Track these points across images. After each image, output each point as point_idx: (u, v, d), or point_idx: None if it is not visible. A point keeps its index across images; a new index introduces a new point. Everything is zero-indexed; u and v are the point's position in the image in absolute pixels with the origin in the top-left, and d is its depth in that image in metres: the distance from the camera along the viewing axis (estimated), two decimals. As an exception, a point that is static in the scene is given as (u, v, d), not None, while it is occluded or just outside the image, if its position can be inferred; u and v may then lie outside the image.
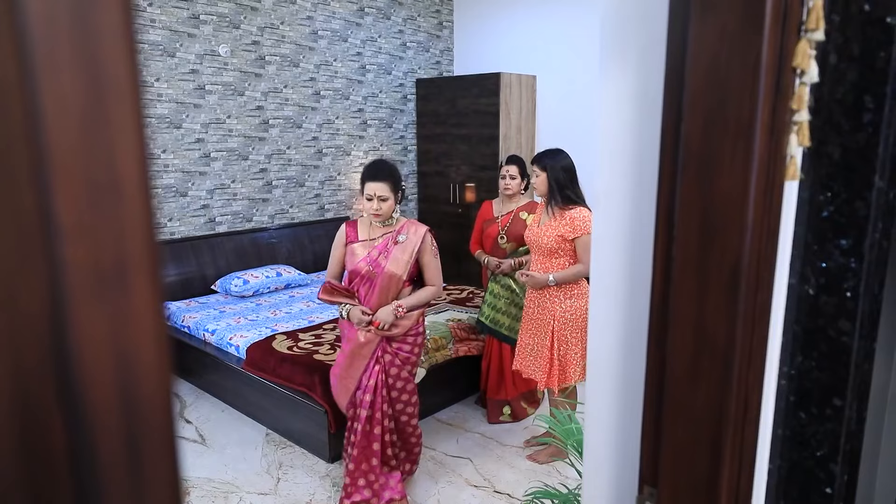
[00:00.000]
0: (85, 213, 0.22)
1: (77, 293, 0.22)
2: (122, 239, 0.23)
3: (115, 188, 0.23)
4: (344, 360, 2.71)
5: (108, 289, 0.23)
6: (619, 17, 0.95)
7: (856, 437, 0.99)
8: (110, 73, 0.22)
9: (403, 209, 6.21)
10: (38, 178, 0.21)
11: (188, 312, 4.16)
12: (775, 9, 0.80)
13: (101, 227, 0.22)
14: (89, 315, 0.22)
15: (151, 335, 0.24)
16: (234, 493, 2.98)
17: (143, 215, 0.24)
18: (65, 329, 0.22)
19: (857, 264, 0.92)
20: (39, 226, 0.21)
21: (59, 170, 0.21)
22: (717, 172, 0.84)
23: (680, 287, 0.88)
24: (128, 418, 0.23)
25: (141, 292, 0.24)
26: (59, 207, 0.21)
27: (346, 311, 2.64)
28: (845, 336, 0.94)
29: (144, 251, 0.24)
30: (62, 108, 0.21)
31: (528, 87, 5.67)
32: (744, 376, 0.87)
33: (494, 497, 2.93)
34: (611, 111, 0.99)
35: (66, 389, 0.22)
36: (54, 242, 0.21)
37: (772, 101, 0.84)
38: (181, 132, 4.51)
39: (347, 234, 2.69)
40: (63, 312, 0.22)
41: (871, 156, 0.89)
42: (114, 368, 0.23)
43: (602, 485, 1.11)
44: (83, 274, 0.22)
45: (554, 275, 2.97)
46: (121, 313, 0.23)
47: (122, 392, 0.23)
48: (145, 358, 0.24)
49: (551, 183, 2.98)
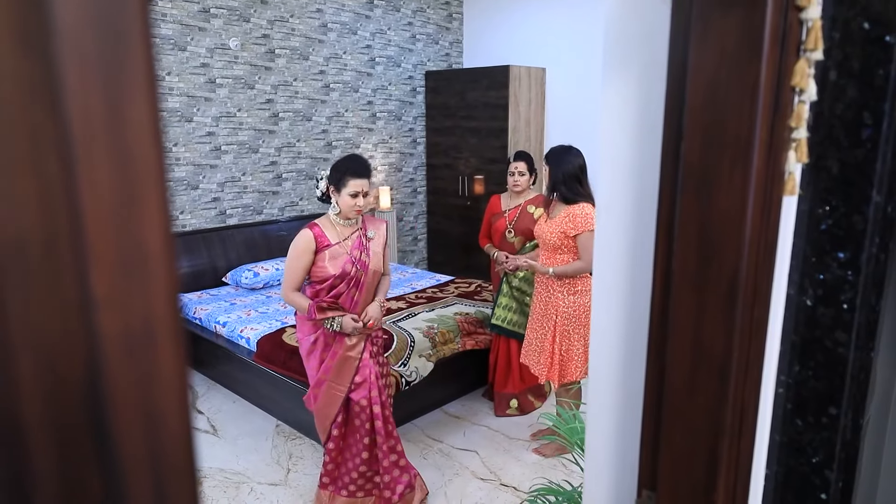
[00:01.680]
0: (117, 287, 0.25)
1: (110, 358, 0.25)
2: (149, 307, 0.26)
3: (143, 263, 0.25)
4: (331, 368, 2.62)
5: (138, 353, 0.26)
6: (622, 34, 0.96)
7: (851, 445, 1.02)
8: (140, 161, 0.25)
9: (412, 201, 6.24)
10: (77, 258, 0.24)
11: (199, 304, 4.22)
12: (774, 30, 0.82)
13: (131, 298, 0.25)
14: (121, 377, 0.25)
15: (176, 393, 0.27)
16: (246, 484, 3.04)
17: (169, 286, 0.26)
18: (100, 390, 0.25)
19: (854, 277, 0.94)
20: (78, 300, 0.24)
21: (95, 249, 0.24)
22: (716, 190, 0.86)
23: (679, 300, 0.90)
24: (155, 467, 0.26)
25: (166, 354, 0.26)
26: (95, 282, 0.24)
27: (337, 324, 2.55)
28: (841, 347, 0.96)
29: (169, 318, 0.26)
30: (98, 195, 0.24)
31: (537, 79, 5.65)
32: (740, 389, 0.89)
33: (500, 490, 2.97)
34: (613, 126, 1.01)
35: (103, 444, 0.25)
36: (90, 313, 0.24)
37: (770, 119, 0.85)
38: (192, 125, 4.55)
39: (318, 240, 2.53)
40: (98, 376, 0.24)
41: (869, 171, 0.90)
42: (143, 423, 0.26)
43: (602, 487, 1.13)
44: (115, 340, 0.25)
45: (554, 268, 3.01)
46: (149, 374, 0.26)
47: (150, 444, 0.26)
48: (171, 413, 0.26)
49: (552, 181, 3.02)
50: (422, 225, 6.40)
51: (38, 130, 0.22)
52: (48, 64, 0.21)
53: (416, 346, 3.46)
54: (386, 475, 2.70)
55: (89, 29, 0.22)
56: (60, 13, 0.22)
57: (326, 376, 2.63)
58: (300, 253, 2.53)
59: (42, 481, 0.24)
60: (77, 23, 0.22)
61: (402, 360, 3.36)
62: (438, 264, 6.31)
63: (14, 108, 0.21)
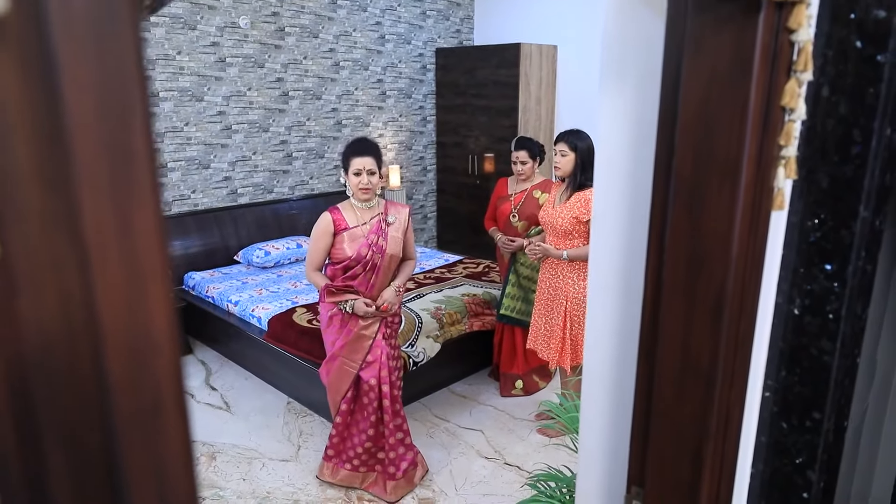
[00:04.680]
0: (129, 371, 0.29)
1: (124, 429, 0.29)
2: (157, 387, 0.30)
3: (151, 350, 0.29)
4: (345, 345, 2.71)
5: (148, 425, 0.30)
6: (619, 47, 0.98)
7: (833, 448, 1.05)
8: (146, 261, 0.28)
9: (422, 179, 6.26)
10: (94, 351, 0.27)
11: (212, 283, 4.30)
12: (764, 50, 0.83)
13: (141, 380, 0.29)
14: (134, 445, 0.29)
15: (182, 456, 0.31)
16: (258, 460, 3.14)
17: (174, 366, 0.30)
18: (116, 456, 0.29)
19: (841, 288, 0.97)
20: (96, 384, 0.28)
21: (109, 343, 0.28)
22: (705, 206, 0.89)
23: (668, 310, 0.94)
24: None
25: (172, 426, 0.30)
26: (110, 368, 0.28)
27: (349, 307, 2.63)
28: (826, 355, 0.99)
29: (174, 395, 0.30)
30: (110, 297, 0.27)
31: (548, 57, 5.60)
32: (726, 395, 0.93)
33: (504, 469, 3.05)
34: (609, 136, 1.03)
35: (120, 498, 0.29)
36: (107, 395, 0.28)
37: (759, 137, 0.87)
38: (203, 105, 4.58)
39: (336, 223, 2.62)
40: (115, 445, 0.28)
41: (857, 187, 0.92)
42: (154, 483, 0.30)
43: (594, 481, 1.18)
44: (128, 416, 0.29)
45: (568, 251, 3.02)
46: (157, 442, 0.30)
47: (161, 500, 0.30)
48: (177, 475, 0.30)
49: (578, 164, 2.99)
50: (431, 203, 6.42)
51: (59, 255, 0.25)
52: (67, 196, 0.25)
53: (423, 327, 3.52)
54: (391, 452, 2.78)
55: (103, 155, 0.26)
56: (78, 145, 0.25)
57: (340, 352, 2.73)
58: (319, 235, 2.63)
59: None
60: (92, 151, 0.25)
61: (409, 340, 3.42)
62: (448, 242, 6.34)
63: (40, 238, 0.24)
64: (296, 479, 2.98)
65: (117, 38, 0.25)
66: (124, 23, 0.25)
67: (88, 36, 0.24)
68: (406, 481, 2.83)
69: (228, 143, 4.77)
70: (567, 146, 3.02)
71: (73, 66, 0.24)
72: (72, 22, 0.24)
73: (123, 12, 0.25)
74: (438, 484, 2.94)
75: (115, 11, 0.25)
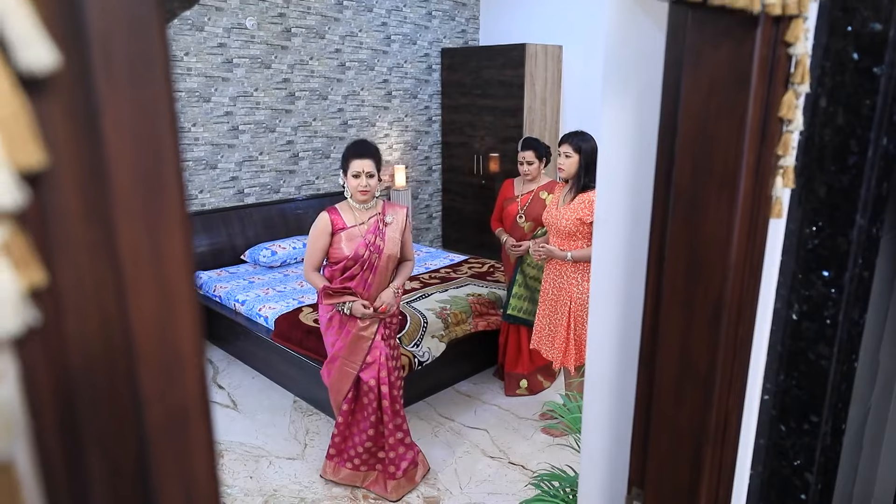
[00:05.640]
0: (160, 384, 0.31)
1: (155, 437, 0.31)
2: (184, 399, 0.32)
3: (179, 364, 0.32)
4: (345, 346, 2.73)
5: (176, 433, 0.32)
6: (620, 61, 1.00)
7: (830, 450, 1.07)
8: (175, 284, 0.31)
9: (427, 179, 6.28)
10: (130, 366, 0.30)
11: (219, 282, 4.33)
12: (762, 63, 0.85)
13: (170, 392, 0.32)
14: (164, 451, 0.32)
15: (206, 461, 0.33)
16: (265, 458, 3.17)
17: (199, 381, 0.33)
18: (148, 462, 0.31)
19: (838, 295, 0.99)
20: (130, 397, 0.30)
21: (143, 358, 0.30)
22: (704, 215, 0.91)
23: (668, 317, 0.96)
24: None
25: (197, 434, 0.33)
26: (143, 382, 0.30)
27: (347, 308, 2.64)
28: (824, 360, 1.01)
29: (200, 404, 0.33)
30: (144, 318, 0.30)
31: (553, 57, 5.61)
32: (724, 401, 0.95)
33: (509, 468, 3.07)
34: (611, 146, 1.06)
35: (152, 501, 0.31)
36: (140, 406, 0.31)
37: (757, 147, 0.89)
38: (210, 105, 4.61)
39: (334, 223, 2.64)
40: (147, 452, 0.31)
41: (854, 196, 0.94)
42: (181, 485, 0.32)
43: (596, 482, 1.21)
44: (159, 426, 0.31)
45: (572, 253, 3.04)
46: (184, 448, 0.32)
47: (189, 502, 0.33)
48: (202, 479, 0.33)
49: (581, 166, 3.00)
50: (437, 203, 6.44)
51: (100, 281, 0.28)
52: (107, 227, 0.27)
53: (429, 327, 3.54)
54: (391, 452, 2.81)
55: (138, 188, 0.28)
56: (116, 180, 0.27)
57: (340, 353, 2.75)
58: (317, 235, 2.65)
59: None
60: (129, 184, 0.28)
61: (415, 340, 3.45)
62: (453, 242, 6.37)
63: (83, 266, 0.27)
64: (302, 477, 3.02)
65: (151, 82, 0.28)
66: (158, 67, 0.28)
67: (126, 81, 0.27)
68: (407, 480, 2.87)
69: (235, 143, 4.80)
70: (571, 148, 3.04)
71: (113, 109, 0.26)
72: (112, 70, 0.26)
73: (157, 58, 0.28)
74: (443, 482, 2.97)
75: (150, 58, 0.27)
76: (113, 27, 0.26)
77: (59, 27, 0.24)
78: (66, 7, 0.25)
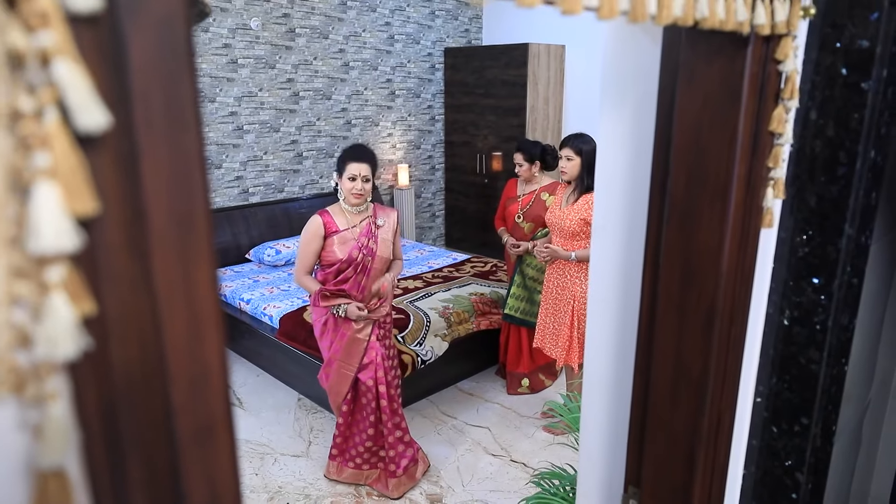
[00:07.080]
0: (187, 396, 0.35)
1: (185, 443, 0.35)
2: (210, 409, 0.36)
3: (206, 380, 0.35)
4: (341, 349, 2.76)
5: (203, 440, 0.36)
6: (617, 75, 1.03)
7: (821, 451, 1.11)
8: (204, 306, 0.34)
9: (430, 178, 6.32)
10: (164, 384, 0.33)
11: (224, 281, 4.38)
12: (753, 79, 0.88)
13: (198, 405, 0.35)
14: (194, 458, 0.35)
15: (230, 465, 0.37)
16: (270, 455, 3.21)
17: (224, 393, 0.36)
18: (179, 466, 0.35)
19: (827, 301, 1.02)
20: (164, 411, 0.34)
21: (175, 376, 0.34)
22: (697, 224, 0.94)
23: (663, 322, 0.99)
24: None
25: (222, 440, 0.37)
26: (175, 397, 0.34)
27: (342, 311, 2.66)
28: (814, 364, 1.05)
29: (224, 415, 0.36)
30: (176, 337, 0.33)
31: (556, 57, 5.64)
32: (716, 403, 0.98)
33: (510, 466, 3.11)
34: (608, 155, 1.09)
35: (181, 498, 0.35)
36: (172, 418, 0.34)
37: (749, 160, 0.93)
38: (215, 106, 4.65)
39: (326, 225, 2.64)
40: (178, 459, 0.34)
41: (842, 206, 0.97)
42: (207, 485, 0.36)
43: (594, 481, 1.24)
44: (189, 434, 0.35)
45: (576, 253, 3.07)
46: (210, 453, 0.36)
47: (212, 498, 0.36)
48: (226, 479, 0.37)
49: (584, 167, 3.03)
50: (440, 201, 6.48)
51: (139, 310, 0.31)
52: (144, 260, 0.31)
53: (431, 326, 3.58)
54: (391, 450, 2.86)
55: (172, 223, 0.32)
56: (153, 218, 0.31)
57: (336, 356, 2.78)
58: (310, 238, 2.65)
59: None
60: (164, 221, 0.31)
61: (417, 339, 3.49)
62: (456, 241, 6.40)
63: (125, 297, 0.30)
64: (307, 474, 3.06)
65: (185, 129, 0.31)
66: (189, 114, 0.31)
67: (163, 131, 0.30)
68: (407, 478, 2.91)
69: (240, 143, 4.84)
70: (572, 151, 3.07)
71: (151, 156, 0.30)
72: (152, 122, 0.29)
73: (188, 105, 0.31)
74: (446, 479, 3.01)
75: (183, 107, 0.31)
76: (151, 83, 0.29)
77: (109, 90, 0.28)
78: (114, 71, 0.28)
